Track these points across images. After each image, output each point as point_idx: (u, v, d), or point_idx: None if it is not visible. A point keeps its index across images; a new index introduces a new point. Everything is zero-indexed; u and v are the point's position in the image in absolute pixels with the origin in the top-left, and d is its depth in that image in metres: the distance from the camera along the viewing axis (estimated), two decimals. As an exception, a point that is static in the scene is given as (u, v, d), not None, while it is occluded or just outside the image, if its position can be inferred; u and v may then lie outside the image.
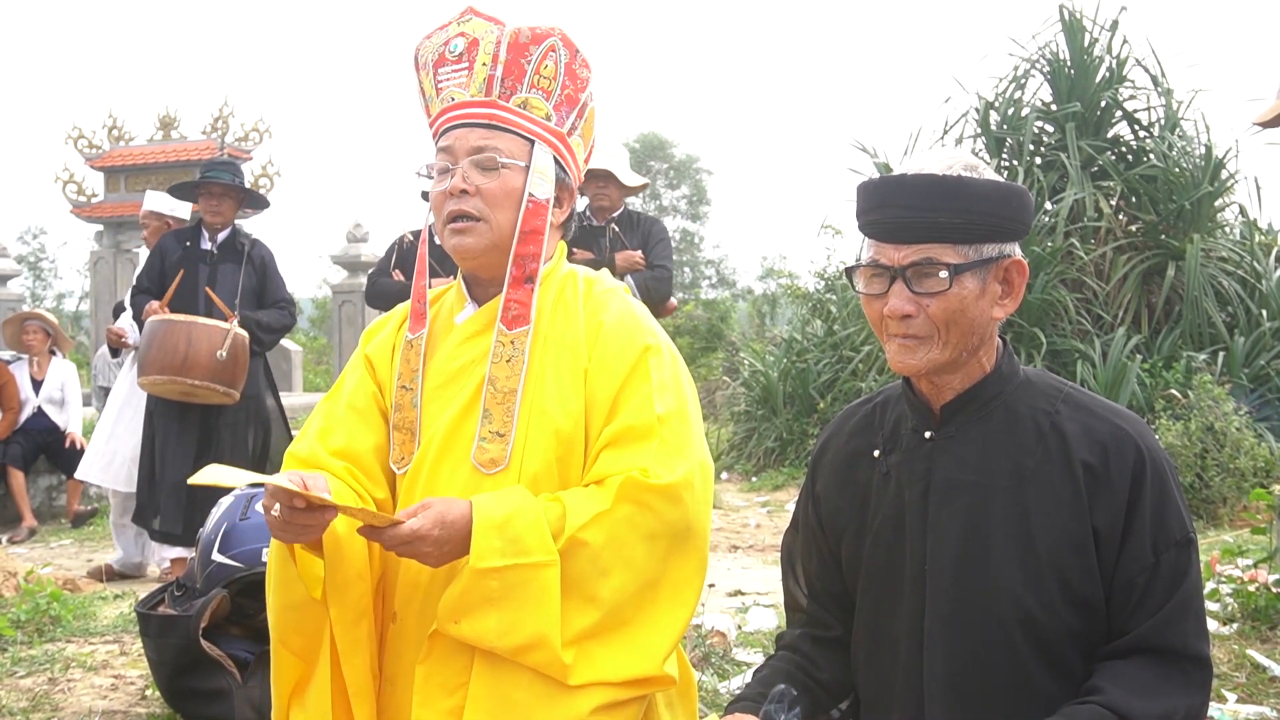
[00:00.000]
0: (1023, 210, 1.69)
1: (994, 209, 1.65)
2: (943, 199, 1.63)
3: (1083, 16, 9.59)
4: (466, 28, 1.96)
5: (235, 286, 5.57)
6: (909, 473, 1.76)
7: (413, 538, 1.74)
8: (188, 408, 5.47)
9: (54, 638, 4.49)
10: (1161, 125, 9.40)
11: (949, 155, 1.71)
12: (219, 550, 3.35)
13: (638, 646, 1.81)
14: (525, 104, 1.93)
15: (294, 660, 1.90)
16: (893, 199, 1.66)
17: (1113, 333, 8.25)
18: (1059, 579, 1.64)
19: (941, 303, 1.65)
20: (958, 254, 1.64)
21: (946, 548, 1.69)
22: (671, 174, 32.87)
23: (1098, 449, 1.67)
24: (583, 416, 1.89)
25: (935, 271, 1.64)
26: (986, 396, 1.73)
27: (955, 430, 1.73)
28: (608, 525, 1.79)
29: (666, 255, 5.83)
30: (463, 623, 1.77)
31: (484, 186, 1.91)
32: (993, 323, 1.71)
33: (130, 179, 11.39)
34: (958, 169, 1.67)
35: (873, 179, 1.73)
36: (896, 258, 1.66)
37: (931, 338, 1.68)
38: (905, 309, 1.66)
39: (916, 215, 1.64)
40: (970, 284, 1.65)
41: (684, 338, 16.72)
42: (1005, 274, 1.69)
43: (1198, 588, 1.67)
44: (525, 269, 1.92)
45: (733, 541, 6.92)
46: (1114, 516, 1.64)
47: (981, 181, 1.65)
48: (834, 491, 1.87)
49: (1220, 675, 3.78)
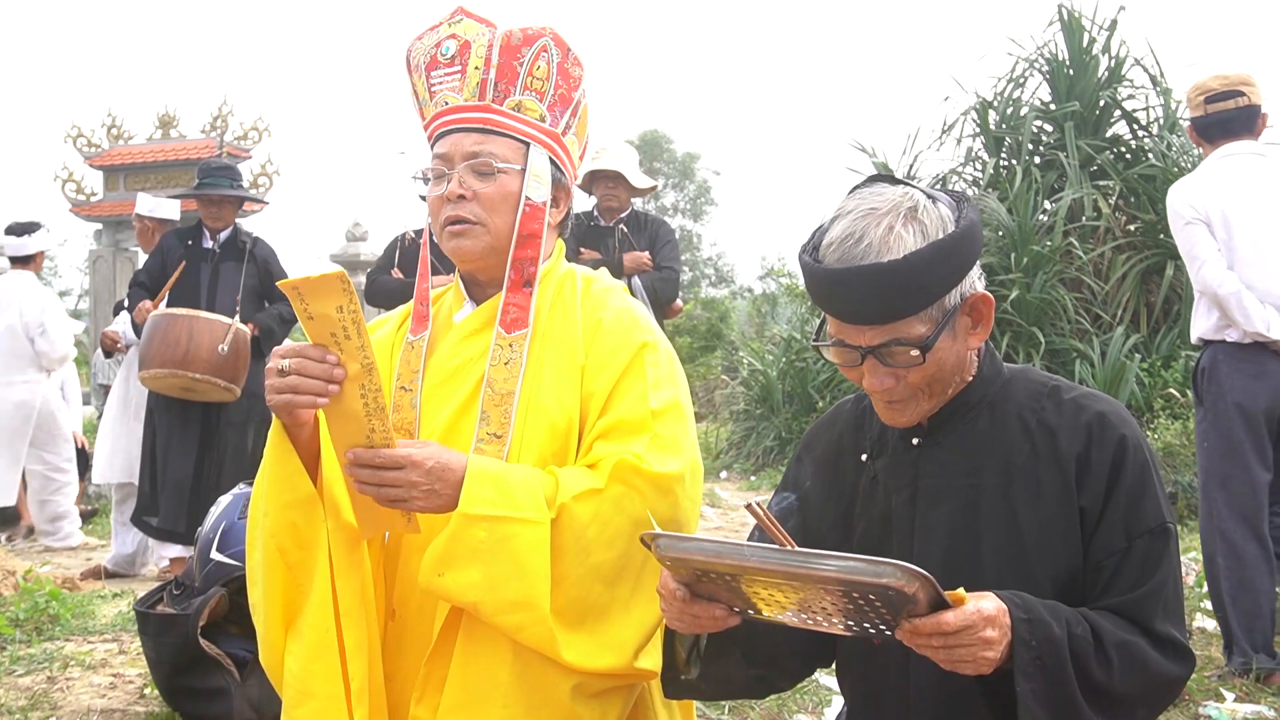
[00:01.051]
0: (970, 250, 1.62)
1: (943, 268, 1.58)
2: (889, 285, 1.56)
3: (1081, 16, 9.60)
4: (458, 29, 1.96)
5: (237, 285, 5.59)
6: (896, 478, 1.75)
7: (406, 461, 1.70)
8: (189, 406, 5.47)
9: (53, 636, 4.49)
10: (1160, 124, 9.40)
11: (884, 201, 1.61)
12: (218, 549, 3.36)
13: (610, 635, 1.79)
14: (519, 106, 1.93)
15: (288, 579, 1.82)
16: (840, 291, 1.59)
17: (1111, 332, 8.26)
18: (1050, 574, 1.64)
19: (919, 372, 1.63)
20: (923, 322, 1.60)
21: (934, 551, 1.69)
22: (673, 173, 32.91)
23: (1082, 436, 1.66)
24: (578, 411, 1.90)
25: (906, 350, 1.60)
26: (971, 402, 1.72)
27: (942, 437, 1.73)
28: (596, 502, 1.78)
29: (674, 257, 5.85)
30: (447, 575, 1.74)
31: (480, 191, 1.91)
32: (970, 352, 1.69)
33: (129, 178, 11.37)
34: (896, 221, 1.58)
35: (815, 267, 1.62)
36: (863, 340, 1.62)
37: (915, 398, 1.67)
38: (884, 384, 1.65)
39: (868, 304, 1.59)
40: (943, 343, 1.62)
41: (684, 337, 16.71)
42: (972, 310, 1.66)
43: (1173, 578, 1.64)
44: (523, 272, 1.93)
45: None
46: (1095, 498, 1.64)
47: (924, 250, 1.56)
48: (820, 491, 1.86)
49: (1219, 675, 3.79)
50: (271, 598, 1.83)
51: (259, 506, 1.85)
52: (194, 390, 5.30)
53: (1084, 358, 8.05)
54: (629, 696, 1.89)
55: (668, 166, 32.59)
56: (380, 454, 1.71)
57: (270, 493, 1.83)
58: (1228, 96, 3.92)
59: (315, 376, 1.68)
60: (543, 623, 1.74)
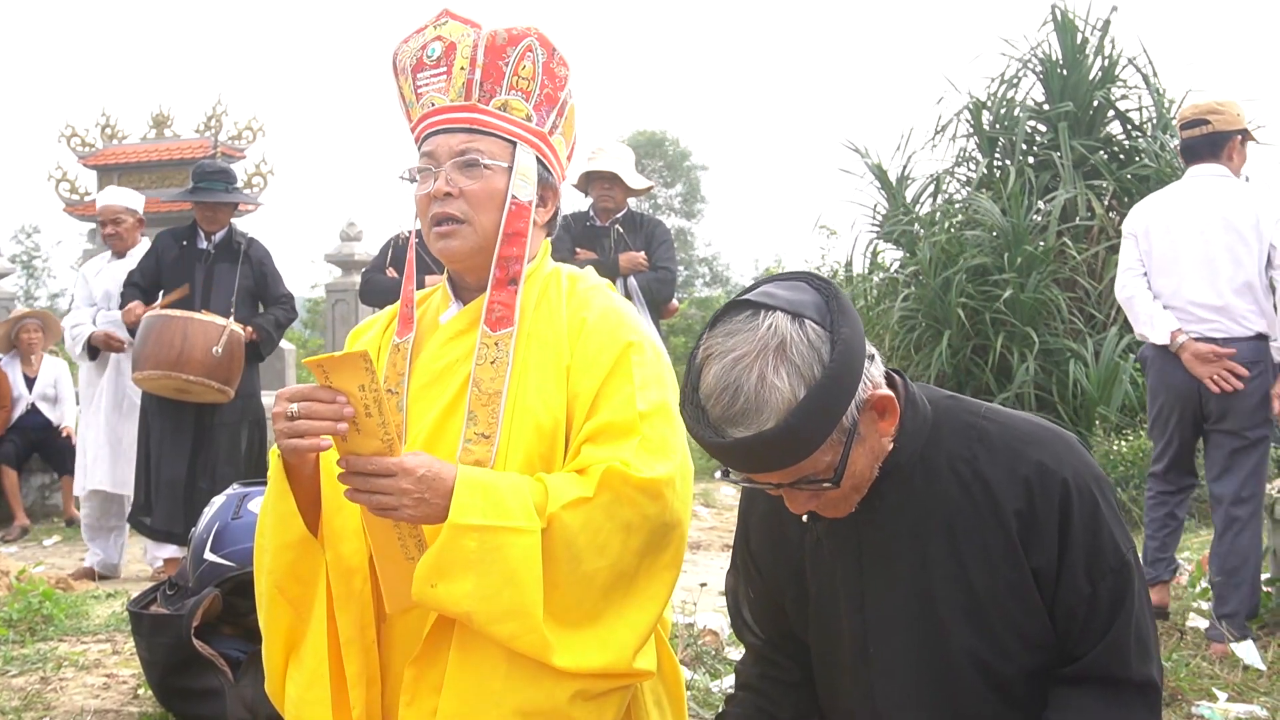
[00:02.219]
0: (850, 379, 1.52)
1: (829, 412, 1.51)
2: (778, 446, 1.49)
3: (1075, 16, 9.61)
4: (443, 31, 1.96)
5: (232, 286, 5.57)
6: (838, 544, 1.73)
7: (398, 469, 1.71)
8: (182, 407, 5.45)
9: (46, 636, 4.49)
10: (1154, 125, 9.42)
11: (750, 342, 1.51)
12: (211, 549, 3.36)
13: (606, 638, 1.79)
14: (505, 106, 1.94)
15: (289, 612, 1.87)
16: (733, 460, 1.55)
17: (1105, 332, 8.26)
18: (1009, 626, 1.63)
19: (837, 491, 1.61)
20: (826, 451, 1.53)
21: (891, 616, 1.67)
22: (666, 172, 32.92)
23: (1023, 491, 1.62)
24: (564, 413, 1.89)
25: (819, 482, 1.57)
26: (901, 463, 1.67)
27: (878, 500, 1.68)
28: (586, 511, 1.78)
29: (669, 257, 5.85)
30: (439, 585, 1.74)
31: (467, 188, 1.92)
32: (885, 438, 1.64)
33: (123, 177, 11.33)
34: (766, 368, 1.48)
35: (700, 433, 1.55)
36: (772, 479, 1.57)
37: (844, 498, 1.65)
38: (807, 506, 1.63)
39: (765, 462, 1.54)
40: (857, 457, 1.59)
41: (678, 337, 16.72)
42: (875, 407, 1.60)
43: (1140, 610, 1.64)
44: (509, 271, 1.93)
45: (726, 540, 6.92)
46: (1048, 554, 1.61)
47: (800, 406, 1.47)
48: (768, 553, 1.84)
49: (1212, 675, 3.80)
50: (273, 627, 1.89)
51: (261, 542, 1.89)
52: (188, 392, 5.29)
53: (1078, 358, 8.06)
54: (624, 698, 1.89)
55: (661, 164, 32.60)
56: (372, 461, 1.71)
57: (270, 531, 1.86)
58: (1194, 125, 4.38)
59: (323, 418, 1.69)
60: (536, 631, 1.74)
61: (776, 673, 1.89)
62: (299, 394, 1.70)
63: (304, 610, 1.87)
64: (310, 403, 1.69)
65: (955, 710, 1.65)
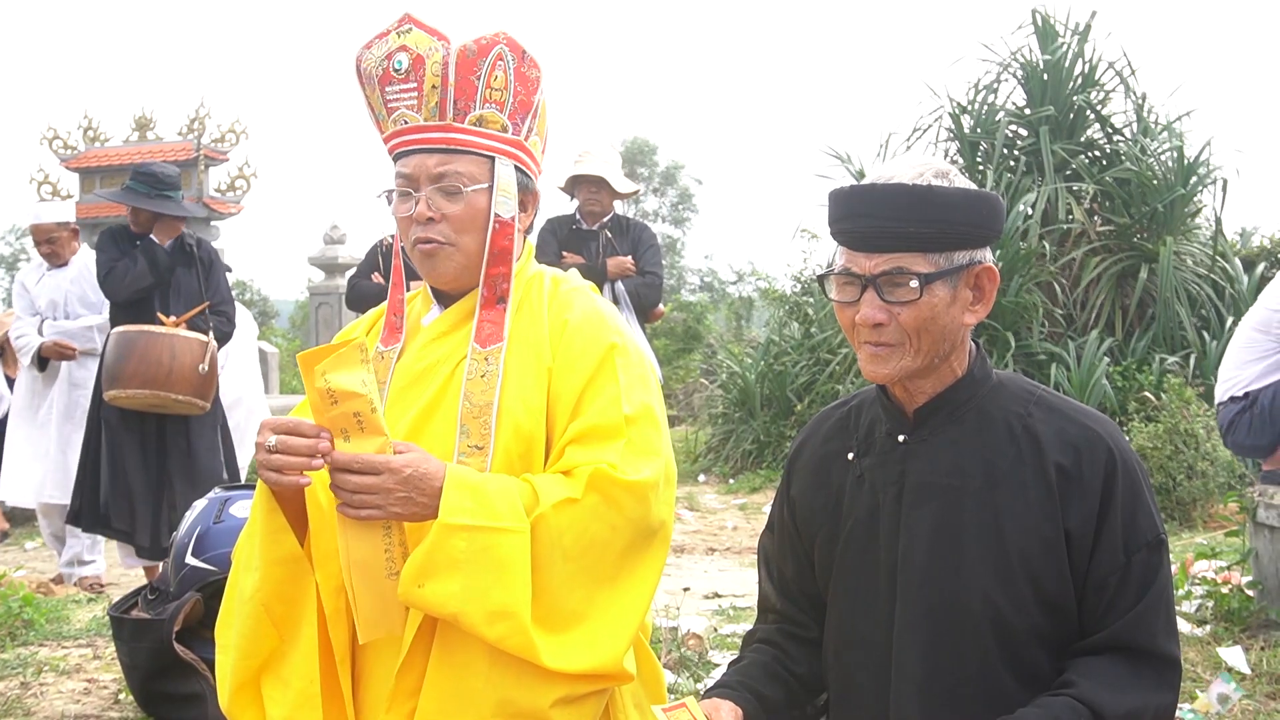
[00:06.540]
0: (993, 217, 1.70)
1: (964, 217, 1.66)
2: (912, 208, 1.64)
3: (1055, 21, 9.67)
4: (408, 40, 1.91)
5: (195, 294, 5.36)
6: (883, 476, 1.78)
7: (384, 467, 1.71)
8: (145, 417, 5.27)
9: (27, 641, 4.47)
10: (1134, 129, 9.48)
11: (920, 162, 1.71)
12: (193, 554, 3.35)
13: (593, 640, 1.80)
14: (480, 120, 1.91)
15: (270, 632, 1.85)
16: (863, 208, 1.67)
17: (1086, 335, 8.30)
18: (1030, 579, 1.66)
19: (912, 311, 1.66)
20: (929, 262, 1.65)
21: (918, 548, 1.71)
22: (656, 181, 32.98)
23: (1070, 451, 1.68)
24: (544, 414, 1.89)
25: (906, 281, 1.65)
26: (959, 400, 1.75)
27: (929, 434, 1.75)
28: (573, 512, 1.79)
29: (656, 262, 5.86)
30: (427, 585, 1.74)
31: (449, 212, 1.90)
32: (964, 328, 1.72)
33: (106, 180, 11.28)
34: (929, 176, 1.67)
35: (844, 187, 1.73)
36: (868, 266, 1.67)
37: (903, 345, 1.69)
38: (877, 317, 1.67)
39: (886, 225, 1.65)
40: (941, 292, 1.67)
41: (661, 339, 16.72)
42: (976, 280, 1.71)
43: (1168, 588, 1.69)
44: (496, 289, 1.93)
45: (709, 544, 6.93)
46: (1086, 518, 1.66)
47: (952, 190, 1.66)
48: (809, 494, 1.89)
49: (1194, 677, 3.82)
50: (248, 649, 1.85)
51: (246, 561, 1.87)
52: (165, 407, 5.14)
53: (1059, 361, 8.10)
54: (601, 701, 1.90)
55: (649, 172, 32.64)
56: (357, 458, 1.71)
57: (259, 548, 1.84)
58: None
59: (299, 454, 1.70)
60: (524, 632, 1.74)
61: (794, 629, 1.92)
62: (280, 426, 1.71)
63: (289, 630, 1.86)
64: (288, 437, 1.69)
65: (955, 653, 1.67)
